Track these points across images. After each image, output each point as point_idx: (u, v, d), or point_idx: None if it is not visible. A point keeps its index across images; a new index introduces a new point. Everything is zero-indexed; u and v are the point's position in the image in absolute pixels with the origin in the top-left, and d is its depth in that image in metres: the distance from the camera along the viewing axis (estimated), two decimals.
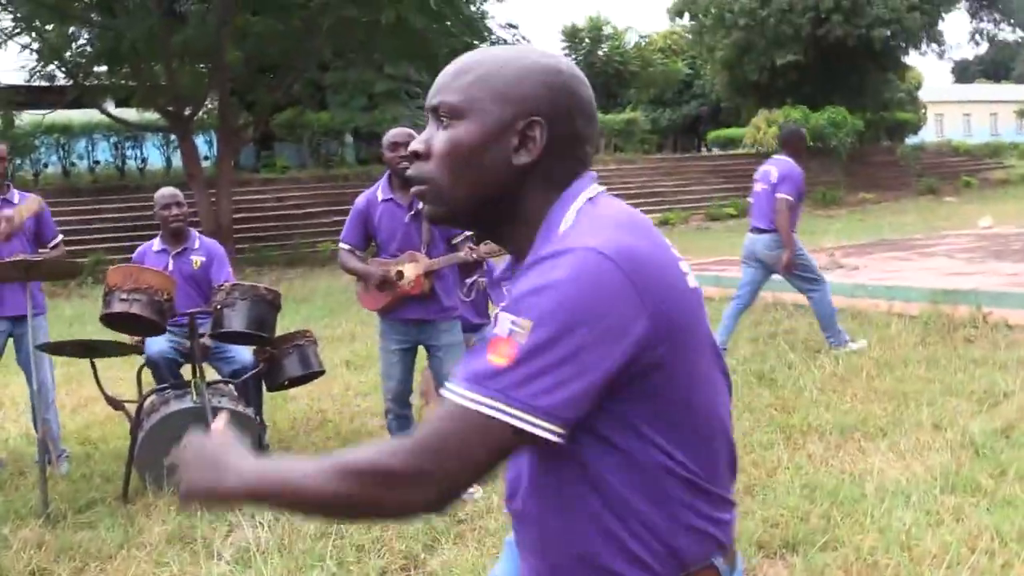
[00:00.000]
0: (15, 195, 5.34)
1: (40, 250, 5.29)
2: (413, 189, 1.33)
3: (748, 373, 6.46)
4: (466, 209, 1.29)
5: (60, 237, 5.46)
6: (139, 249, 5.50)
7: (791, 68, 32.74)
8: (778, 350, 7.19)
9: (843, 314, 8.36)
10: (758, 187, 7.38)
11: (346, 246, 4.66)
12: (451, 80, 1.28)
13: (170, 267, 5.25)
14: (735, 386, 6.07)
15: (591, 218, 1.23)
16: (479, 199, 1.28)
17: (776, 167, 7.23)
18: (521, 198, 1.27)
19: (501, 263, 1.45)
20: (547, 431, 1.09)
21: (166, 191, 5.44)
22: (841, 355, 6.76)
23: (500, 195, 1.27)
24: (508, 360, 1.09)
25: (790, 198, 7.05)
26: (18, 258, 4.72)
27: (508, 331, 1.10)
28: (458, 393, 1.11)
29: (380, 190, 4.60)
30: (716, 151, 36.32)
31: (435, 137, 1.28)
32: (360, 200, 4.67)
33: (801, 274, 7.23)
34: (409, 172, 1.33)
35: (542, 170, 1.26)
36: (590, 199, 1.28)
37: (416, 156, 1.30)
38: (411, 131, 4.50)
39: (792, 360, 6.78)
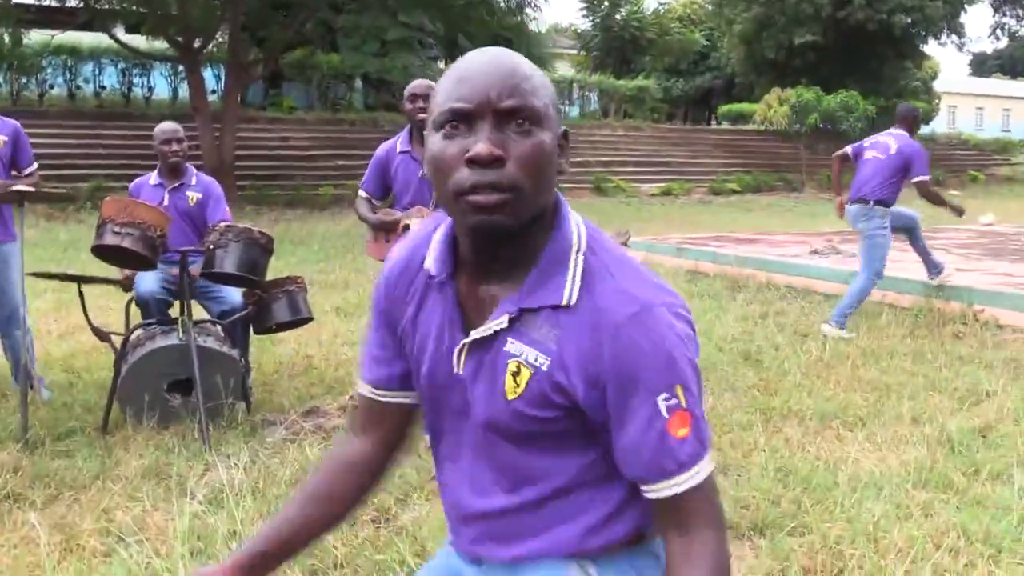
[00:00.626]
0: None
1: (14, 175, 5.20)
2: (484, 198, 1.22)
3: (735, 352, 6.48)
4: (533, 215, 1.27)
5: (36, 165, 5.34)
6: (136, 181, 5.46)
7: (808, 48, 32.49)
8: (767, 331, 7.20)
9: (835, 301, 8.37)
10: (868, 155, 7.42)
11: (363, 193, 4.74)
12: (521, 83, 1.24)
13: (165, 202, 5.22)
14: (720, 363, 6.14)
15: (627, 264, 1.32)
16: (544, 204, 1.29)
17: (896, 141, 7.37)
18: (549, 207, 1.32)
19: None
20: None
21: (167, 125, 5.38)
22: (829, 341, 6.77)
23: (547, 205, 1.31)
24: (689, 428, 1.27)
25: (926, 178, 7.27)
26: (7, 185, 4.68)
27: (676, 405, 1.25)
28: (699, 472, 1.28)
29: (400, 141, 4.66)
30: (726, 125, 36.13)
31: (514, 142, 1.23)
32: (380, 149, 4.72)
33: (872, 252, 7.27)
34: (480, 179, 1.21)
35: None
36: (585, 225, 1.36)
37: (491, 161, 1.21)
38: (431, 83, 4.46)
39: (779, 342, 6.79)
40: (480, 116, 1.22)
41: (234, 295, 5.15)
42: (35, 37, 20.94)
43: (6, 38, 18.42)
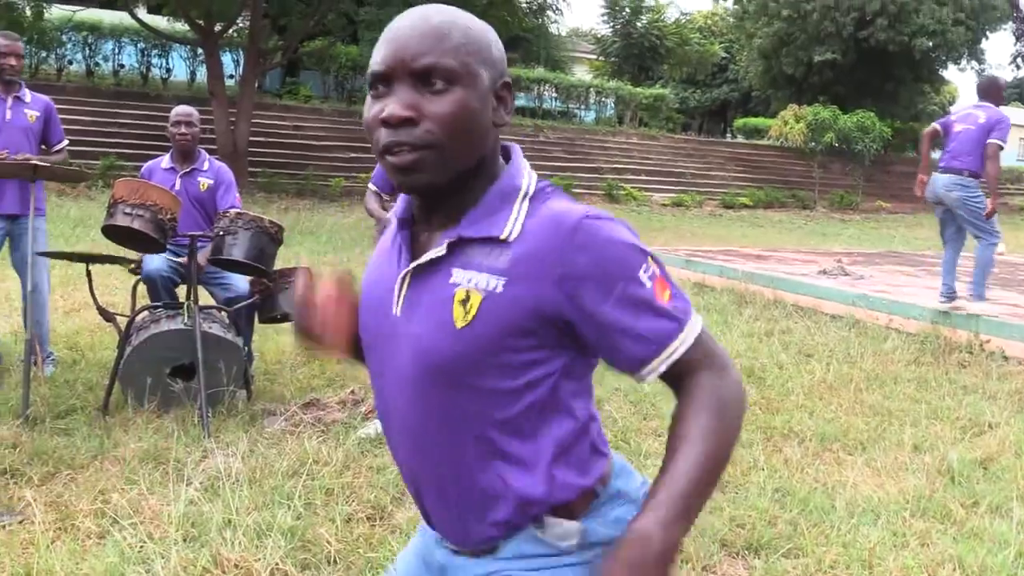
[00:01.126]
0: (27, 94, 5.30)
1: (42, 150, 5.27)
2: (398, 159, 1.25)
3: (738, 369, 6.45)
4: (460, 175, 1.30)
5: (66, 141, 5.42)
6: (148, 164, 5.47)
7: (827, 66, 32.42)
8: (771, 349, 7.18)
9: (841, 322, 8.37)
10: (958, 127, 7.57)
11: (372, 187, 4.74)
12: (436, 43, 1.25)
13: (177, 186, 5.23)
14: None
15: (556, 193, 1.35)
16: (474, 163, 1.30)
17: (984, 112, 7.47)
18: (487, 157, 1.33)
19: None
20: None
21: (181, 109, 5.39)
22: (832, 363, 6.76)
23: (481, 155, 1.31)
24: (669, 289, 1.30)
25: (1002, 143, 7.33)
26: (29, 159, 4.69)
27: (652, 274, 1.28)
28: (694, 325, 1.31)
29: None
30: (741, 139, 36.07)
31: (427, 102, 1.25)
32: None
33: (977, 217, 7.46)
34: (393, 139, 1.25)
35: (499, 129, 1.35)
36: (539, 179, 1.37)
37: (404, 122, 1.24)
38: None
39: (783, 361, 6.77)
40: (396, 78, 1.26)
41: (241, 283, 5.15)
42: (56, 12, 20.95)
43: (28, 11, 18.40)
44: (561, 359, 1.30)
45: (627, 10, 39.02)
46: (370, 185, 4.81)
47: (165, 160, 5.41)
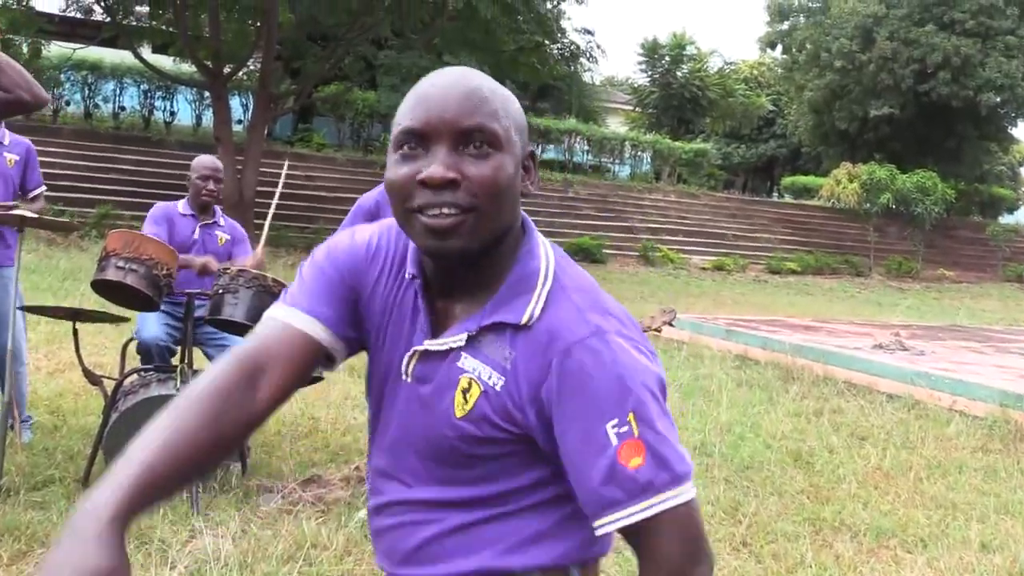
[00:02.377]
0: (5, 135, 5.26)
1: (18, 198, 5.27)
2: (435, 221, 1.29)
3: (783, 451, 6.37)
4: (490, 244, 1.35)
5: (43, 188, 5.43)
6: (163, 207, 5.45)
7: (884, 121, 32.56)
8: (820, 431, 7.08)
9: (898, 403, 8.26)
10: None
11: None
12: (479, 105, 1.31)
13: (196, 235, 5.32)
14: (767, 463, 6.03)
15: (591, 292, 1.38)
16: (503, 228, 1.35)
17: None
18: (514, 228, 1.39)
19: None
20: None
21: (208, 160, 5.48)
22: (890, 447, 6.65)
23: (512, 226, 1.38)
24: (644, 457, 1.29)
25: None
26: (14, 208, 4.74)
27: (626, 433, 1.28)
28: (661, 501, 1.28)
29: None
30: (788, 198, 36.12)
31: (468, 164, 1.29)
32: (367, 199, 4.51)
33: None
34: (433, 200, 1.29)
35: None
36: (556, 255, 1.42)
37: (447, 184, 1.28)
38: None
39: (834, 444, 6.68)
40: (435, 138, 1.30)
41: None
42: (55, 50, 21.44)
43: (24, 48, 18.85)
44: (547, 470, 1.38)
45: (666, 58, 39.51)
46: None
47: (182, 205, 5.44)
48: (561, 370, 1.28)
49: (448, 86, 1.32)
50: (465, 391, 1.34)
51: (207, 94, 21.01)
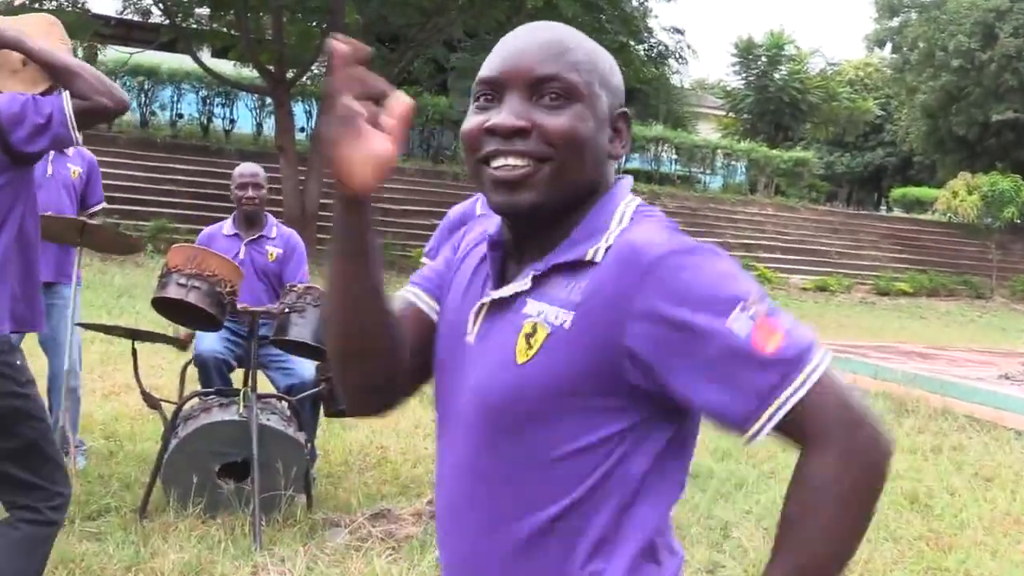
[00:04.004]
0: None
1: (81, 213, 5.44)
2: (503, 173, 1.33)
3: (897, 492, 6.24)
4: (567, 202, 1.36)
5: (103, 204, 5.60)
6: (207, 230, 5.62)
7: (1007, 127, 31.90)
8: (940, 470, 6.92)
9: None
10: None
11: (428, 262, 4.60)
12: (559, 54, 1.34)
13: (241, 255, 5.36)
14: (880, 505, 5.89)
15: (663, 222, 1.38)
16: (580, 186, 1.37)
17: None
18: (596, 190, 1.40)
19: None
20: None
21: (246, 168, 5.55)
22: (1021, 489, 6.47)
23: (591, 184, 1.38)
24: (781, 333, 1.25)
25: None
26: (75, 217, 4.87)
27: (753, 315, 1.24)
28: (812, 372, 1.24)
29: (480, 203, 4.55)
30: (898, 212, 35.55)
31: (542, 115, 1.32)
32: (455, 211, 4.54)
33: None
34: (501, 147, 1.33)
35: (614, 163, 1.43)
36: (640, 205, 1.41)
37: (516, 133, 1.32)
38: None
39: (956, 486, 6.52)
40: (509, 86, 1.34)
41: (306, 368, 5.21)
42: (111, 54, 21.99)
43: (80, 52, 19.42)
44: (637, 415, 1.31)
45: (763, 59, 39.21)
46: (424, 259, 4.59)
47: (227, 225, 5.55)
48: (653, 284, 1.25)
49: (528, 34, 1.37)
50: (529, 335, 1.32)
51: (269, 100, 21.37)
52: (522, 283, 1.36)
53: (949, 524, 5.69)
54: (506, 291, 1.38)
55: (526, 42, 1.35)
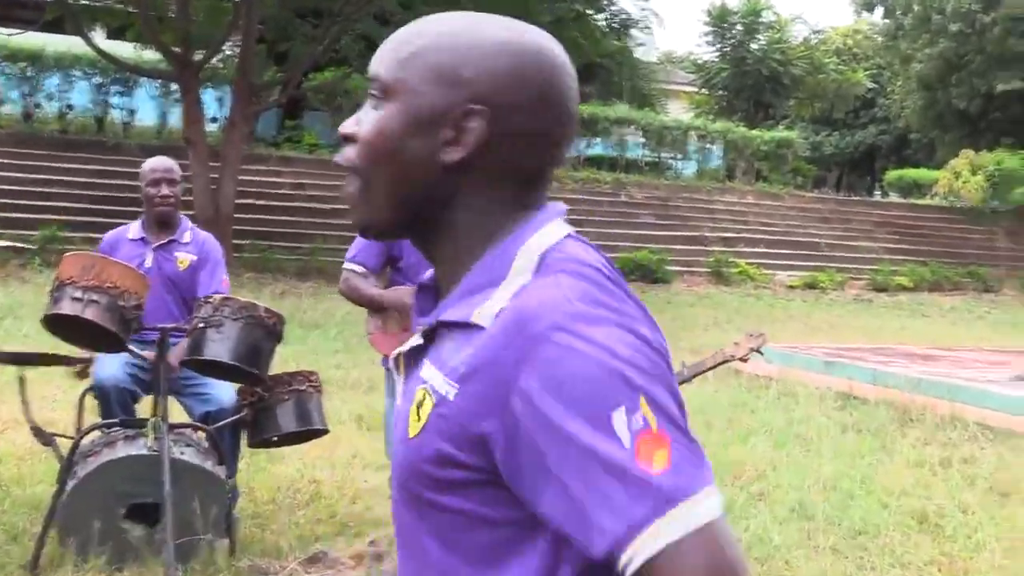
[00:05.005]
0: None
1: None
2: (345, 187, 1.41)
3: (904, 513, 6.30)
4: (388, 215, 1.38)
5: None
6: (110, 235, 5.55)
7: (1014, 98, 32.35)
8: (951, 485, 7.00)
9: None
10: None
11: (355, 268, 4.60)
12: (389, 51, 1.38)
13: (147, 262, 5.30)
14: (884, 526, 5.96)
15: (580, 277, 1.27)
16: (400, 201, 1.37)
17: None
18: (453, 207, 1.36)
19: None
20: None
21: (159, 162, 5.49)
22: None
23: (424, 198, 1.36)
24: (669, 451, 1.17)
25: None
26: None
27: (641, 426, 1.16)
28: (694, 509, 1.14)
29: None
30: (894, 197, 35.95)
31: (365, 118, 1.38)
32: None
33: None
34: (336, 158, 1.42)
35: (484, 175, 1.35)
36: (556, 246, 1.33)
37: (345, 140, 1.40)
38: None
39: (968, 503, 6.59)
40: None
41: (225, 392, 5.17)
42: None
43: None
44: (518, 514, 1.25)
45: (738, 27, 39.51)
46: (349, 265, 4.65)
47: (134, 228, 5.49)
48: (532, 364, 1.18)
49: (392, 35, 1.41)
50: (419, 405, 1.30)
51: (174, 87, 21.19)
52: (415, 339, 1.38)
53: (963, 546, 5.75)
54: (404, 347, 1.40)
55: (384, 42, 1.42)
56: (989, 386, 10.17)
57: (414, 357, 1.38)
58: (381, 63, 1.37)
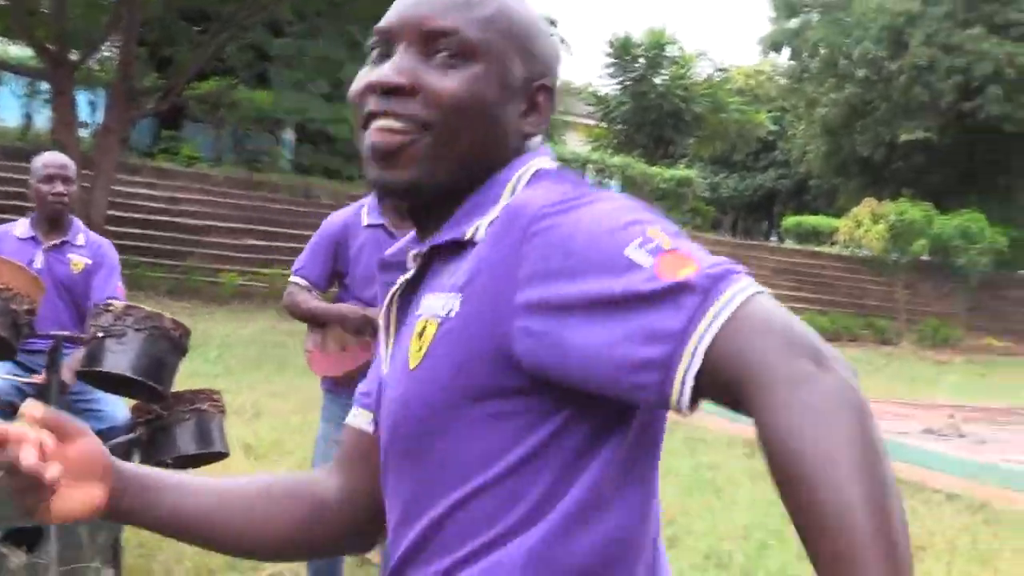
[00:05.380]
0: None
1: None
2: (380, 137, 1.31)
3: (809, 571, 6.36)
4: (452, 175, 1.34)
5: None
6: None
7: (918, 148, 33.22)
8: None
9: (960, 503, 8.33)
10: None
11: (300, 280, 4.57)
12: (462, 5, 1.33)
13: (37, 263, 5.17)
14: None
15: (564, 181, 1.33)
16: (474, 161, 1.35)
17: None
18: (496, 167, 1.38)
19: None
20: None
21: (53, 158, 5.38)
22: (956, 561, 6.68)
23: (496, 162, 1.37)
24: (693, 259, 1.15)
25: None
26: None
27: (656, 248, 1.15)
28: (736, 292, 1.11)
29: (366, 211, 4.54)
30: (791, 244, 36.62)
31: (430, 74, 1.31)
32: (334, 221, 4.61)
33: None
34: (379, 106, 1.32)
35: (528, 141, 1.42)
36: (546, 169, 1.38)
37: (395, 91, 1.32)
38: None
39: None
40: (400, 39, 1.34)
41: (119, 409, 5.07)
42: None
43: None
44: (558, 418, 1.23)
45: (641, 60, 40.01)
46: (295, 278, 4.65)
47: (20, 226, 5.35)
48: (532, 243, 1.20)
49: None
50: (420, 334, 1.29)
51: (44, 87, 20.79)
52: (408, 274, 1.39)
53: None
54: (396, 285, 1.41)
55: None
56: (901, 438, 10.38)
57: (404, 308, 1.39)
58: (452, 16, 1.32)
